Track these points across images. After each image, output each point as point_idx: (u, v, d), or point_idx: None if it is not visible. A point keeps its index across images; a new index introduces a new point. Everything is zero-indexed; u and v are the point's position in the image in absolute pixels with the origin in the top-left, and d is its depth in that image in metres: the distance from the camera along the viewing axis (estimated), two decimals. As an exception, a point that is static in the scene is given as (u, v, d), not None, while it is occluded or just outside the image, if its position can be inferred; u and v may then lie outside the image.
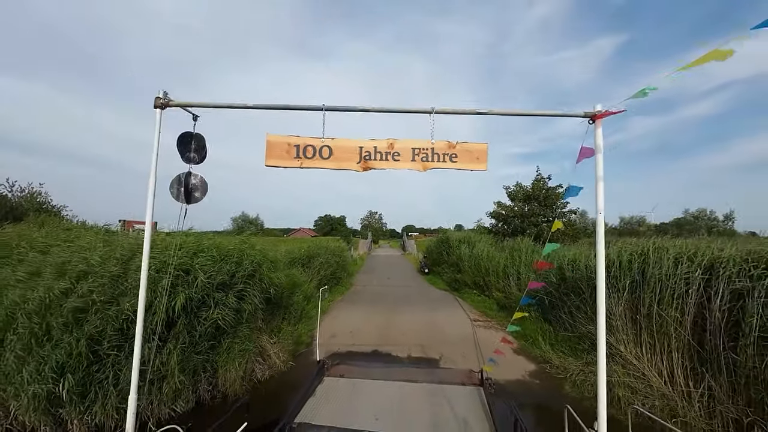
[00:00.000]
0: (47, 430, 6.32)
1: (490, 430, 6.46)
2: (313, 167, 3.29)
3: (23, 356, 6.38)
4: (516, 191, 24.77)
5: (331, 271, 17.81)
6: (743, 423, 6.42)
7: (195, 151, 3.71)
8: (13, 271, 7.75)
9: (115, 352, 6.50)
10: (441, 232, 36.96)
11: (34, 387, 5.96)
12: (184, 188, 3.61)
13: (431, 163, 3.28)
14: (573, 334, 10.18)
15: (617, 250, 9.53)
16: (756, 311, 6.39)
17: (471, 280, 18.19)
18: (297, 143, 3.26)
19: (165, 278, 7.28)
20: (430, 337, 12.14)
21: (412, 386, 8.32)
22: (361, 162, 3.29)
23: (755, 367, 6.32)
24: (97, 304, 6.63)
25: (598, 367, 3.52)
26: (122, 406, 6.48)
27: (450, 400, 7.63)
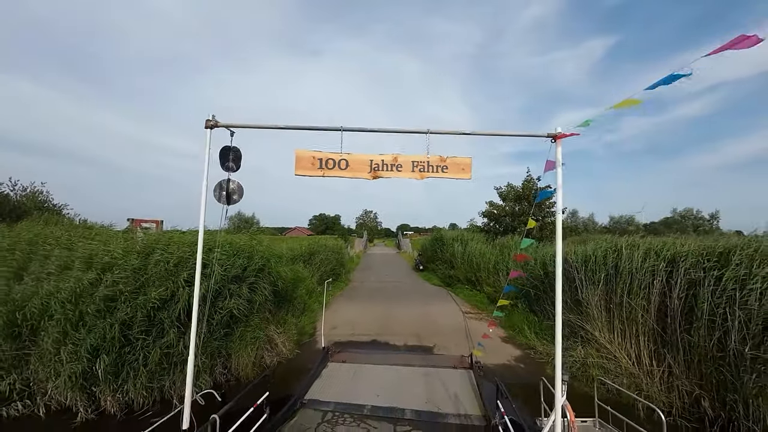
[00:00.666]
0: (82, 407, 7.04)
1: (478, 404, 7.39)
2: (332, 176, 4.11)
3: (60, 340, 7.10)
4: (507, 191, 25.77)
5: (330, 267, 18.64)
6: (694, 395, 7.42)
7: (232, 161, 4.50)
8: (43, 265, 8.43)
9: (143, 336, 7.25)
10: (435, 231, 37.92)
11: (72, 366, 6.69)
12: (225, 192, 4.41)
13: (427, 173, 4.13)
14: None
15: (593, 247, 10.51)
16: (706, 298, 7.38)
17: (463, 276, 19.15)
18: (320, 157, 4.08)
19: (184, 271, 8.07)
20: (424, 328, 13.03)
21: (409, 369, 9.22)
22: (371, 172, 4.12)
23: (705, 346, 7.31)
24: (125, 294, 7.37)
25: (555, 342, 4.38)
26: (151, 384, 7.24)
27: (443, 381, 8.55)
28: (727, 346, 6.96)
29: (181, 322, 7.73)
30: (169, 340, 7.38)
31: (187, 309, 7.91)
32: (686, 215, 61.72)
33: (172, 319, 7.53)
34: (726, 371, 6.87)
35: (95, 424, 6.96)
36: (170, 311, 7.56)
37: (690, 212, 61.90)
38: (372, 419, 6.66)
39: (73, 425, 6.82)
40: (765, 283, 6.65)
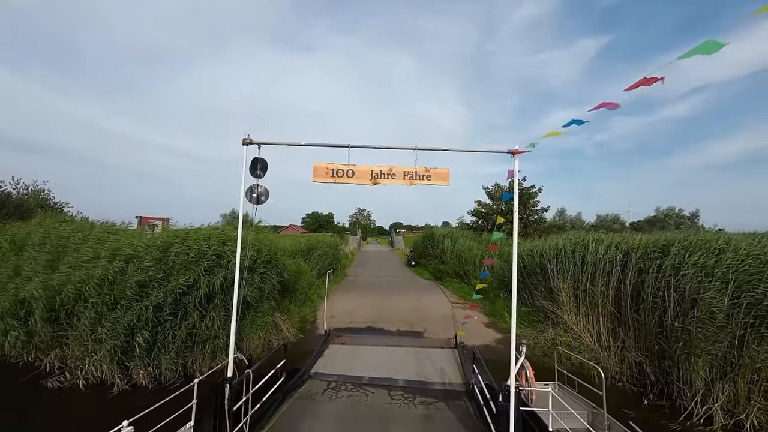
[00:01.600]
0: (118, 379, 8.09)
1: (460, 375, 8.67)
2: (342, 183, 5.28)
3: (96, 321, 8.14)
4: (495, 191, 27.25)
5: (328, 262, 19.78)
6: (641, 365, 8.84)
7: (260, 170, 5.64)
8: (74, 257, 9.42)
9: (171, 317, 8.33)
10: (427, 228, 39.30)
11: (110, 342, 7.75)
12: (255, 194, 5.55)
13: (415, 180, 5.33)
14: (531, 309, 12.53)
15: (564, 242, 11.90)
16: (650, 283, 8.79)
17: (452, 270, 20.50)
18: (332, 168, 5.25)
19: (203, 262, 9.17)
20: (415, 316, 14.30)
21: (401, 350, 10.47)
22: (372, 179, 5.30)
23: (648, 323, 8.72)
24: (156, 280, 8.44)
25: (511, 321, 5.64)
26: (178, 360, 8.33)
27: (431, 358, 9.82)
28: (664, 322, 8.37)
29: (203, 306, 8.83)
30: (193, 321, 8.49)
31: (208, 295, 9.03)
32: (669, 214, 64.41)
33: (195, 303, 8.62)
34: (663, 343, 8.28)
35: (129, 394, 8.02)
36: (193, 296, 8.65)
37: (672, 211, 64.56)
38: (369, 386, 7.87)
39: (111, 395, 7.88)
40: (693, 269, 8.06)
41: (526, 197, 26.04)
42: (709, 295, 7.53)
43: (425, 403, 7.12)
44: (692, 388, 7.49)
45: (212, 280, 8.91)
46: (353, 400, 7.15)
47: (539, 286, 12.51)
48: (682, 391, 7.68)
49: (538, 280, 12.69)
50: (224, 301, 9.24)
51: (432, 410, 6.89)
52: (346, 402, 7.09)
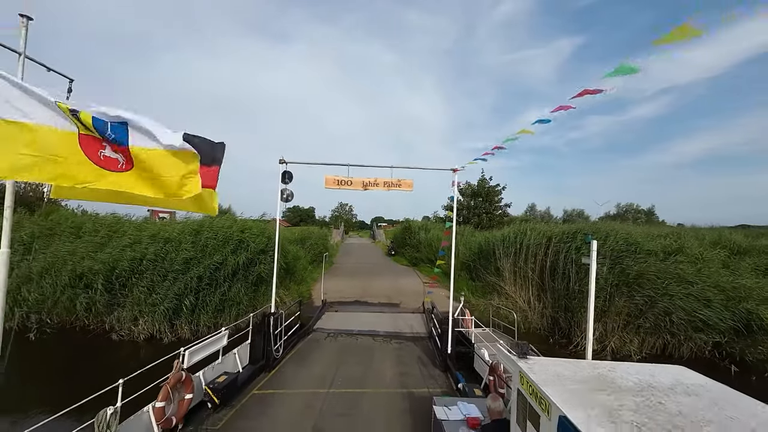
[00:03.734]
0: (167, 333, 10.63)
1: (425, 328, 11.78)
2: (343, 189, 8.12)
3: (151, 288, 10.63)
4: (465, 189, 30.67)
5: (318, 251, 22.46)
6: (555, 319, 12.30)
7: (288, 178, 8.40)
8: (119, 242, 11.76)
9: (207, 287, 10.93)
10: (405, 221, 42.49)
11: (165, 305, 10.29)
12: (285, 195, 8.31)
13: (391, 187, 8.26)
14: (484, 283, 15.91)
15: (508, 231, 15.27)
16: (561, 260, 12.23)
17: (426, 257, 23.74)
18: (338, 179, 8.08)
19: (229, 245, 11.80)
20: (393, 293, 17.37)
21: (382, 314, 13.51)
22: (363, 186, 8.19)
23: (560, 289, 12.17)
24: (196, 258, 11.00)
25: (450, 288, 8.73)
26: (213, 320, 10.95)
27: (404, 319, 12.91)
28: (570, 287, 11.83)
29: (230, 279, 11.48)
30: (223, 290, 11.13)
31: (234, 270, 11.67)
32: (628, 209, 70.93)
33: (225, 276, 11.26)
34: (568, 302, 11.75)
35: (176, 344, 10.59)
36: (223, 271, 11.28)
37: (631, 207, 71.16)
38: (358, 335, 10.83)
39: (163, 344, 10.43)
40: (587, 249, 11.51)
41: (491, 194, 29.63)
42: (593, 265, 10.98)
43: (398, 343, 10.19)
44: (581, 329, 10.96)
45: (237, 259, 11.55)
46: (347, 342, 10.10)
47: (490, 266, 15.88)
48: (575, 332, 11.16)
49: (489, 261, 16.05)
50: (245, 275, 11.90)
51: (403, 346, 9.96)
52: (342, 342, 10.03)
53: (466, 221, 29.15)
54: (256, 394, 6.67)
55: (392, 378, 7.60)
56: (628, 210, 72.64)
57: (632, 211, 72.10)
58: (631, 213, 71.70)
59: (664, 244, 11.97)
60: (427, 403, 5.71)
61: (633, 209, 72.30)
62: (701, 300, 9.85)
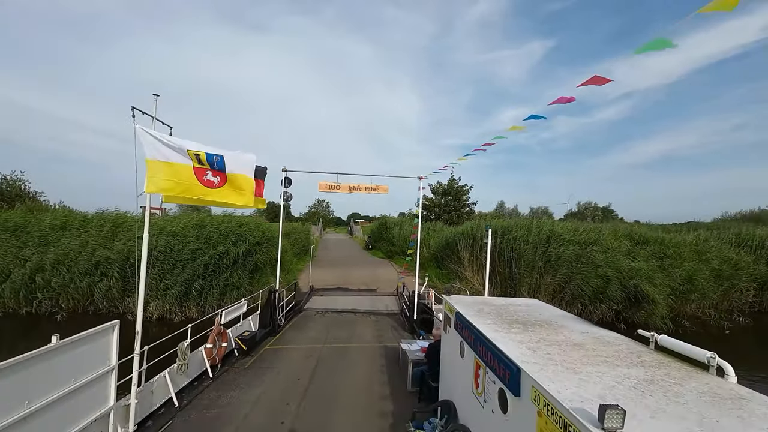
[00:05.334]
0: (178, 313, 12.39)
1: (399, 307, 14.29)
2: (333, 192, 10.35)
3: (161, 276, 12.33)
4: (436, 188, 33.58)
5: (302, 245, 24.41)
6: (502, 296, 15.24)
7: (287, 183, 10.51)
8: (127, 235, 13.28)
9: (213, 273, 12.78)
10: (382, 218, 45.04)
11: (176, 289, 12.06)
12: (285, 197, 10.41)
13: (371, 191, 10.60)
14: (448, 271, 18.70)
15: (467, 226, 18.12)
16: (506, 248, 15.16)
17: (400, 250, 26.32)
18: (329, 184, 10.29)
19: (230, 238, 13.67)
20: (371, 281, 19.78)
21: (362, 297, 15.89)
22: (349, 190, 10.48)
23: (505, 272, 15.12)
24: (201, 249, 12.79)
25: (416, 273, 11.26)
26: (217, 302, 12.81)
27: (381, 300, 15.38)
28: (512, 270, 14.78)
29: (231, 267, 13.38)
30: (226, 276, 13.03)
31: (235, 259, 13.58)
32: (587, 207, 77.34)
33: (227, 264, 13.15)
34: (510, 282, 14.69)
35: (185, 322, 12.39)
36: (225, 260, 13.16)
37: (590, 204, 77.64)
38: (342, 312, 13.14)
39: (173, 323, 12.20)
40: (522, 239, 14.51)
41: (460, 193, 32.73)
42: (527, 252, 14.00)
43: (375, 317, 12.61)
44: (519, 303, 13.93)
45: (237, 250, 13.46)
46: (334, 317, 12.38)
47: (453, 256, 18.69)
48: (515, 306, 14.13)
49: (453, 252, 18.86)
50: (244, 264, 13.83)
51: (379, 319, 12.39)
52: (330, 318, 12.30)
53: (437, 218, 32.07)
54: (268, 348, 8.83)
55: (371, 337, 10.01)
56: (587, 208, 79.26)
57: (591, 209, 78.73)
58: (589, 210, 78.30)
59: (586, 237, 15.24)
60: (397, 350, 8.16)
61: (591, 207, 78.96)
62: (603, 278, 13.08)
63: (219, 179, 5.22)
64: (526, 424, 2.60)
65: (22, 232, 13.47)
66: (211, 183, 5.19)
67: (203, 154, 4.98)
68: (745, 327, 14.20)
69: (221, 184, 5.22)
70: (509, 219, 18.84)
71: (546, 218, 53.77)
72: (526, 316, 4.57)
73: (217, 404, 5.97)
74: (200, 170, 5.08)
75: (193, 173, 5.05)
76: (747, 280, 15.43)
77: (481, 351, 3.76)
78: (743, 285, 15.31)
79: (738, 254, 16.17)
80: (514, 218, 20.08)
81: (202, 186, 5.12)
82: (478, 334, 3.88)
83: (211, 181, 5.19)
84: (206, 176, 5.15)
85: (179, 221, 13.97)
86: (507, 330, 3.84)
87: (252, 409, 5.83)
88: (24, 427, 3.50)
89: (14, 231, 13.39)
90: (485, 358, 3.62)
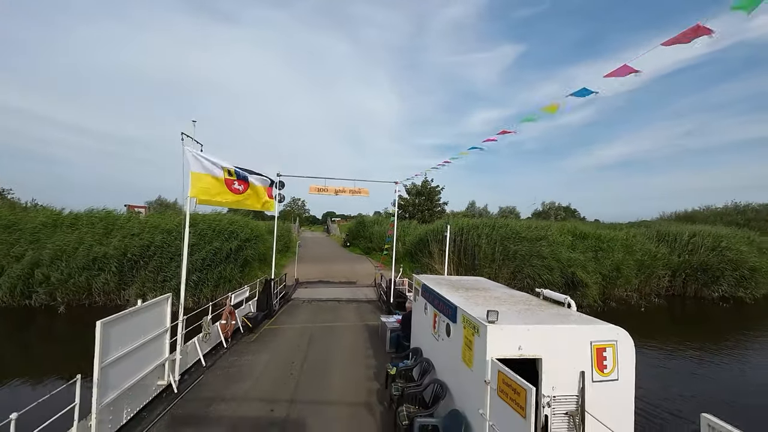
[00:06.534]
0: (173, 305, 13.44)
1: (377, 295, 16.13)
2: (322, 194, 11.98)
3: (158, 269, 13.37)
4: (411, 189, 35.79)
5: (284, 242, 25.59)
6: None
7: (281, 186, 12.02)
8: (123, 231, 14.15)
9: (208, 267, 13.96)
10: (359, 217, 46.72)
11: (174, 281, 13.16)
12: (279, 197, 11.91)
13: (354, 194, 12.34)
14: (420, 264, 20.80)
15: (437, 224, 20.32)
16: (469, 243, 17.45)
17: (377, 246, 28.20)
18: (319, 187, 11.91)
19: (223, 235, 14.89)
20: (350, 274, 21.50)
21: (343, 288, 17.60)
22: (335, 193, 12.16)
23: (467, 263, 17.41)
24: (199, 245, 13.93)
25: (392, 267, 13.17)
26: (212, 293, 14.00)
27: (360, 291, 17.17)
28: (474, 262, 17.09)
29: (224, 261, 14.61)
30: (220, 270, 14.26)
31: (227, 254, 14.82)
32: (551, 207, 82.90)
33: (221, 258, 14.38)
34: (474, 272, 16.98)
35: (181, 312, 13.54)
36: (219, 255, 14.39)
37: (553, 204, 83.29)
38: (326, 301, 14.79)
39: (171, 312, 13.29)
40: (483, 235, 16.86)
41: (432, 194, 35.13)
42: (488, 247, 16.35)
43: (357, 304, 14.38)
44: (480, 290, 16.28)
45: (229, 245, 14.72)
46: (319, 305, 14.01)
47: (425, 251, 20.83)
48: (477, 293, 16.47)
49: (425, 247, 21.00)
50: (235, 258, 15.09)
51: (360, 305, 14.17)
52: (316, 305, 13.92)
53: (412, 216, 34.27)
54: (267, 328, 10.36)
55: (354, 318, 11.78)
56: (551, 207, 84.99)
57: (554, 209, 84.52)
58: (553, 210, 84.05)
59: (536, 234, 17.87)
60: (377, 327, 9.98)
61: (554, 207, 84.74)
62: (548, 267, 15.67)
63: (243, 188, 6.80)
64: (459, 337, 4.54)
65: (14, 229, 13.90)
66: (237, 191, 6.77)
67: (232, 169, 6.56)
68: (659, 306, 17.42)
69: (244, 191, 6.81)
70: (477, 218, 21.27)
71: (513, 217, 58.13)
72: (469, 285, 6.59)
73: (236, 365, 7.53)
74: (229, 181, 6.65)
75: (224, 183, 6.60)
76: (663, 269, 18.76)
77: (437, 305, 5.69)
78: (660, 272, 18.61)
79: (657, 247, 19.53)
80: (479, 218, 22.58)
81: (231, 192, 6.68)
82: (436, 295, 5.81)
83: (237, 189, 6.76)
84: (233, 185, 6.72)
85: (173, 219, 14.96)
86: (454, 291, 5.80)
87: (265, 367, 7.44)
88: (118, 365, 4.96)
89: (6, 228, 13.80)
90: (439, 308, 5.55)
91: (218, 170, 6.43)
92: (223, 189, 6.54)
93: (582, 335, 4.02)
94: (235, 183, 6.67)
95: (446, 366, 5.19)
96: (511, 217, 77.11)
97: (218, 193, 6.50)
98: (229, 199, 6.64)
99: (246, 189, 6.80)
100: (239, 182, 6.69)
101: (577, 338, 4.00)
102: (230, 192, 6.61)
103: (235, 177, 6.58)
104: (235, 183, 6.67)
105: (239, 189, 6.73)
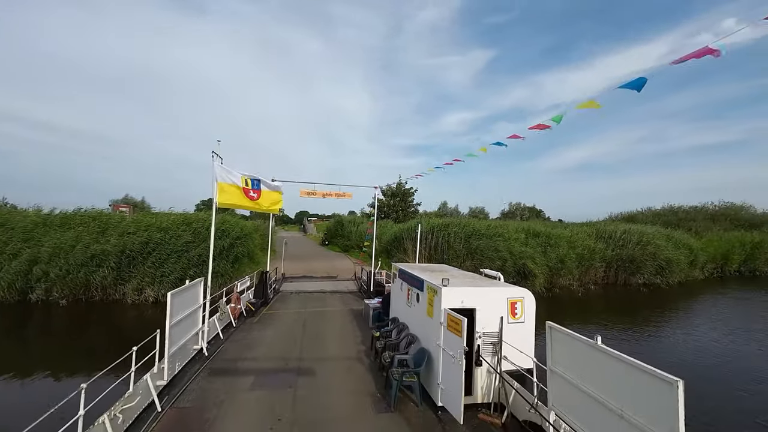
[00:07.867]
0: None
1: (357, 287, 18.06)
2: (311, 197, 13.74)
3: (157, 265, 14.49)
4: (387, 190, 37.93)
5: (266, 241, 26.87)
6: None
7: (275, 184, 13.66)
8: (118, 230, 15.08)
9: (204, 263, 15.22)
10: (336, 217, 48.31)
11: (173, 275, 14.35)
12: (274, 200, 13.55)
13: (340, 197, 14.20)
14: (396, 260, 22.98)
15: (411, 223, 22.60)
16: (440, 241, 19.85)
17: (355, 244, 30.07)
18: (308, 190, 13.65)
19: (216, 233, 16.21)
20: (331, 270, 23.26)
21: (326, 282, 19.37)
22: (323, 195, 13.97)
23: (438, 258, 19.80)
24: (193, 243, 15.16)
25: (372, 260, 15.21)
26: (207, 284, 15.27)
27: (342, 283, 19.04)
28: (443, 257, 19.49)
29: (218, 257, 15.92)
30: (214, 266, 15.54)
31: (220, 251, 16.12)
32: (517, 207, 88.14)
33: (215, 255, 15.66)
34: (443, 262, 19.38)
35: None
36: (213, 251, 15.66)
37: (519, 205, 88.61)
38: (312, 292, 16.53)
39: (169, 304, 14.47)
40: (453, 233, 19.32)
41: (406, 195, 37.51)
42: (456, 243, 18.80)
43: (340, 294, 16.25)
44: (448, 281, 18.71)
45: (222, 243, 16.05)
46: (307, 296, 15.74)
47: (400, 247, 23.03)
48: (445, 283, 18.90)
49: (400, 244, 23.21)
50: (227, 255, 16.42)
51: (344, 296, 16.05)
52: (303, 296, 15.64)
53: (387, 216, 36.43)
54: (265, 313, 12.01)
55: (340, 305, 13.67)
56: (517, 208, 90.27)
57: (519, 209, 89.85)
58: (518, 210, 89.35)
59: (495, 231, 20.60)
60: (360, 311, 11.94)
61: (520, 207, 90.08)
62: (503, 260, 18.38)
63: (257, 195, 8.54)
64: (425, 300, 6.67)
65: (6, 228, 14.38)
66: (252, 197, 8.49)
67: (248, 179, 8.28)
68: (595, 293, 20.77)
69: (258, 197, 8.54)
70: (447, 218, 23.85)
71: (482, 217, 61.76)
72: (434, 269, 8.79)
73: (248, 338, 9.22)
74: (246, 189, 8.36)
75: (242, 191, 8.30)
76: (599, 261, 22.23)
77: (410, 282, 7.80)
78: (597, 264, 22.05)
79: (595, 243, 23.04)
80: (449, 218, 25.18)
81: (247, 198, 8.40)
82: (409, 275, 7.92)
83: (252, 196, 8.49)
84: (249, 192, 8.44)
85: (167, 218, 16.03)
86: (423, 272, 7.94)
87: (272, 339, 9.20)
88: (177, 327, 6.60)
89: (-1, 227, 14.27)
90: (411, 284, 7.67)
91: (237, 180, 8.13)
92: (241, 195, 8.24)
93: (502, 294, 6.28)
94: (251, 191, 8.38)
95: (416, 323, 7.30)
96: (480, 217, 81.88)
97: (238, 199, 8.20)
98: (245, 203, 8.35)
99: (259, 196, 8.53)
100: (254, 190, 8.42)
101: (499, 296, 6.26)
102: (247, 198, 8.33)
103: (250, 186, 8.31)
104: (251, 191, 8.38)
105: (254, 196, 8.45)
